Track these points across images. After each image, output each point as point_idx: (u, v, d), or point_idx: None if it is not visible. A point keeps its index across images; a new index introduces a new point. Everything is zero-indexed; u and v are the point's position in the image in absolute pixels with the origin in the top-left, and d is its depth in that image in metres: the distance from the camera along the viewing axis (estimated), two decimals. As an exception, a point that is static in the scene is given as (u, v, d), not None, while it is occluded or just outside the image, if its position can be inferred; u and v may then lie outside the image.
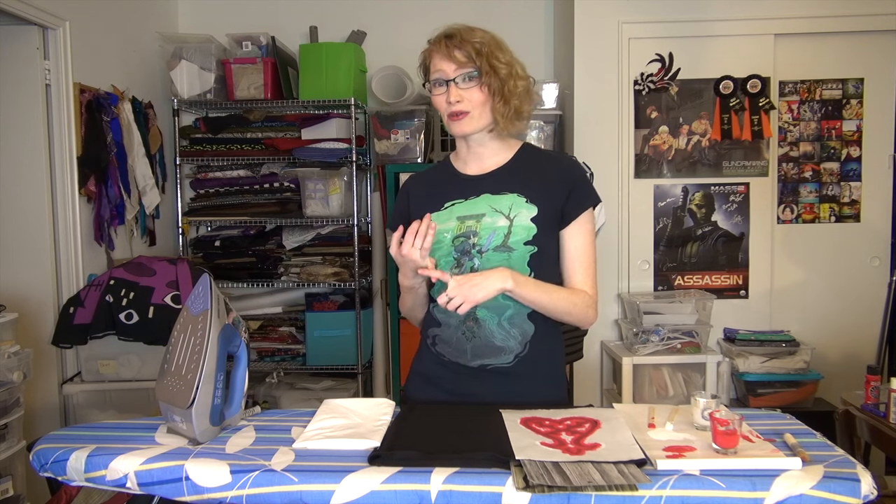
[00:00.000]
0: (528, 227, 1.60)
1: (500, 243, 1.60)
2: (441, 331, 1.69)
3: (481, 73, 1.57)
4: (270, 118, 3.62)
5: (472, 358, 1.65)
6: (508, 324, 1.63)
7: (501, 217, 1.62)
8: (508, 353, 1.64)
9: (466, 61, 1.57)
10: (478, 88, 1.59)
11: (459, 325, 1.65)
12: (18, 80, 2.74)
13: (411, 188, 1.79)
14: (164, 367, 1.48)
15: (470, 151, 1.69)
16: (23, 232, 2.78)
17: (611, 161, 3.42)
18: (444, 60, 1.59)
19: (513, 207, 1.62)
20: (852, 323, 3.42)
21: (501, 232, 1.61)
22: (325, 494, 1.22)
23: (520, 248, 1.60)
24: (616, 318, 3.50)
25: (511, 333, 1.63)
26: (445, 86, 1.60)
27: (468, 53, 1.57)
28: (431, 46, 1.63)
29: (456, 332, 1.66)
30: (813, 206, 3.47)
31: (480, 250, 1.61)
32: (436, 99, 1.63)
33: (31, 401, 2.66)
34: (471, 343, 1.64)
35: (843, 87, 3.43)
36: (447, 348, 1.69)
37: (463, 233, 1.63)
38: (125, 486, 1.32)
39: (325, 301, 3.66)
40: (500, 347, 1.64)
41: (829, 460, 1.27)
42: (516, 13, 3.79)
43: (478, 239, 1.61)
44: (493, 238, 1.61)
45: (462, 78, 1.58)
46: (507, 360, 1.64)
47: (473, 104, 1.59)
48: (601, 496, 1.17)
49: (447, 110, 1.61)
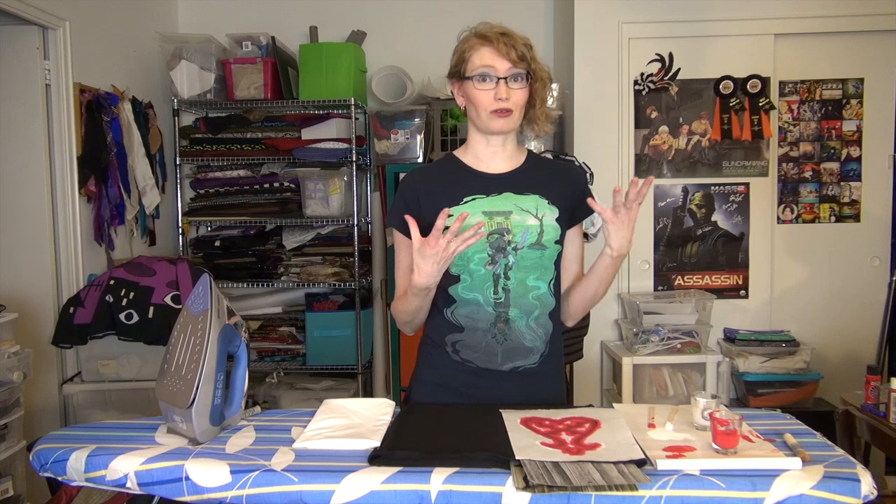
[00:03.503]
0: (555, 227, 1.64)
1: (535, 241, 1.62)
2: (465, 336, 1.65)
3: (529, 76, 1.60)
4: (270, 118, 3.62)
5: (503, 361, 1.64)
6: (535, 323, 1.64)
7: (530, 216, 1.63)
8: (535, 353, 1.65)
9: (519, 61, 1.59)
10: (523, 90, 1.61)
11: (490, 328, 1.63)
12: (18, 80, 2.74)
13: (419, 182, 1.70)
14: (164, 367, 1.48)
15: (489, 149, 1.68)
16: (23, 232, 2.78)
17: (611, 161, 3.42)
18: (497, 57, 1.59)
19: (538, 207, 1.64)
20: (852, 323, 3.42)
21: (534, 230, 1.62)
22: (325, 494, 1.22)
23: (551, 247, 1.64)
24: (616, 318, 3.50)
25: (538, 333, 1.65)
26: (492, 82, 1.59)
27: (521, 54, 1.59)
28: (479, 40, 1.61)
29: (485, 336, 1.63)
30: (813, 206, 3.47)
31: (516, 247, 1.62)
32: (478, 93, 1.60)
33: (31, 401, 2.66)
34: (502, 346, 1.64)
35: (843, 87, 3.43)
36: (474, 354, 1.65)
37: (496, 230, 1.62)
38: (125, 486, 1.32)
39: (325, 301, 3.66)
40: (529, 348, 1.64)
41: (829, 460, 1.27)
42: (516, 13, 3.78)
43: (512, 236, 1.62)
44: (528, 236, 1.62)
45: (512, 78, 1.59)
46: (534, 360, 1.66)
47: (517, 104, 1.61)
48: (601, 496, 1.17)
49: (492, 106, 1.60)
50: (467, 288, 1.63)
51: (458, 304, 1.64)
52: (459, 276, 1.63)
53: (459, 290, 1.64)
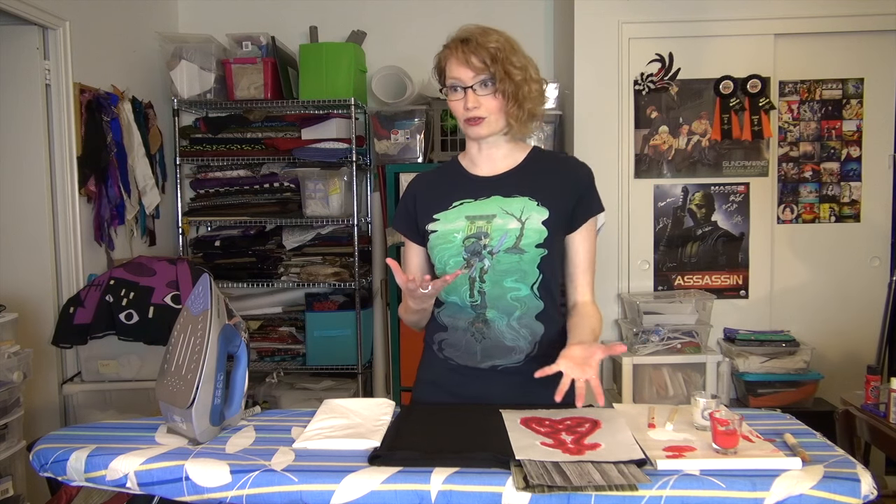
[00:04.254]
0: (539, 231, 1.60)
1: (512, 245, 1.60)
2: (448, 335, 1.68)
3: (497, 80, 1.57)
4: (270, 118, 3.62)
5: (482, 359, 1.65)
6: (517, 324, 1.63)
7: (512, 219, 1.61)
8: (519, 352, 1.64)
9: (482, 67, 1.57)
10: (493, 94, 1.59)
11: (468, 327, 1.65)
12: (18, 80, 2.74)
13: (417, 188, 1.76)
14: (164, 367, 1.48)
15: (482, 153, 1.69)
16: (23, 232, 2.78)
17: (611, 161, 3.42)
18: (460, 66, 1.58)
19: (524, 210, 1.62)
20: (852, 323, 3.42)
21: (513, 234, 1.60)
22: (325, 494, 1.22)
23: (531, 251, 1.60)
24: (616, 318, 3.50)
25: (521, 333, 1.63)
26: (461, 91, 1.60)
27: (483, 59, 1.56)
28: (447, 51, 1.61)
29: (465, 334, 1.65)
30: (813, 206, 3.47)
31: (491, 251, 1.61)
32: (452, 104, 1.63)
33: (31, 401, 2.66)
34: (480, 344, 1.64)
35: (843, 87, 3.43)
36: (455, 352, 1.68)
37: (474, 233, 1.62)
38: (125, 486, 1.32)
39: (325, 301, 3.66)
40: (510, 347, 1.64)
41: (829, 460, 1.27)
42: (516, 13, 3.78)
43: (489, 240, 1.61)
44: (505, 240, 1.60)
45: (479, 84, 1.58)
46: (517, 359, 1.64)
47: (490, 109, 1.60)
48: (601, 496, 1.17)
49: (464, 116, 1.61)
50: (446, 291, 1.65)
51: (444, 305, 1.69)
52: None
53: (442, 293, 1.66)
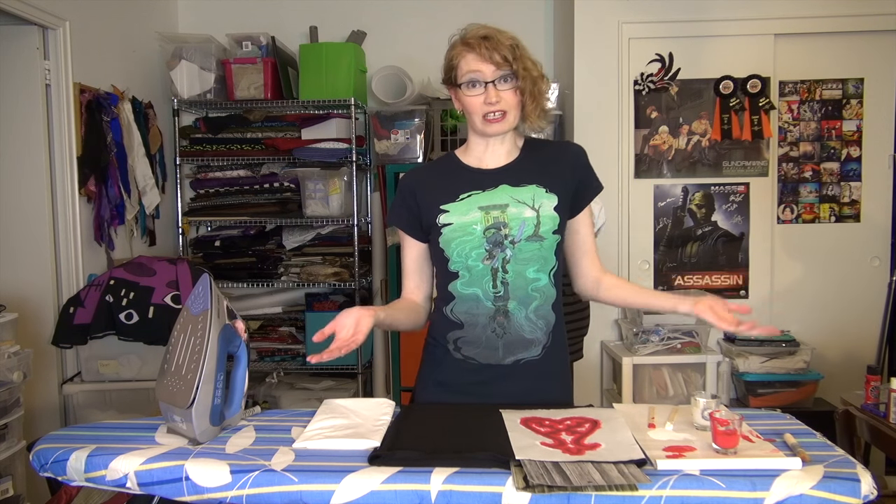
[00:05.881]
0: (553, 217, 1.63)
1: (532, 233, 1.62)
2: (465, 332, 1.66)
3: (517, 75, 1.59)
4: (270, 118, 3.62)
5: (504, 355, 1.64)
6: (535, 315, 1.64)
7: (527, 208, 1.62)
8: (537, 344, 1.65)
9: (504, 63, 1.58)
10: (513, 90, 1.60)
11: (489, 322, 1.63)
12: (18, 80, 2.74)
13: (416, 181, 1.73)
14: (164, 367, 1.48)
15: (488, 149, 1.69)
16: (23, 232, 2.78)
17: (611, 161, 3.42)
18: (481, 62, 1.58)
19: (535, 198, 1.63)
20: (852, 323, 3.42)
21: (531, 222, 1.62)
22: (325, 494, 1.22)
23: (549, 238, 1.63)
24: (616, 318, 3.50)
25: (537, 325, 1.64)
26: (481, 87, 1.60)
27: (505, 55, 1.57)
28: (464, 47, 1.61)
29: (485, 330, 1.64)
30: (813, 206, 3.47)
31: (513, 241, 1.61)
32: (470, 99, 1.62)
33: (31, 401, 2.66)
34: (502, 339, 1.64)
35: (843, 87, 3.43)
36: (475, 349, 1.65)
37: (493, 224, 1.62)
38: (125, 486, 1.32)
39: (325, 301, 3.66)
40: (529, 340, 1.64)
41: (829, 460, 1.27)
42: (516, 13, 3.78)
43: (509, 230, 1.61)
44: (525, 228, 1.62)
45: (500, 80, 1.59)
46: (536, 352, 1.65)
47: (510, 104, 1.61)
48: (601, 496, 1.17)
49: (483, 111, 1.61)
50: (466, 284, 1.64)
51: (457, 300, 1.65)
52: (458, 273, 1.63)
53: (458, 287, 1.64)
